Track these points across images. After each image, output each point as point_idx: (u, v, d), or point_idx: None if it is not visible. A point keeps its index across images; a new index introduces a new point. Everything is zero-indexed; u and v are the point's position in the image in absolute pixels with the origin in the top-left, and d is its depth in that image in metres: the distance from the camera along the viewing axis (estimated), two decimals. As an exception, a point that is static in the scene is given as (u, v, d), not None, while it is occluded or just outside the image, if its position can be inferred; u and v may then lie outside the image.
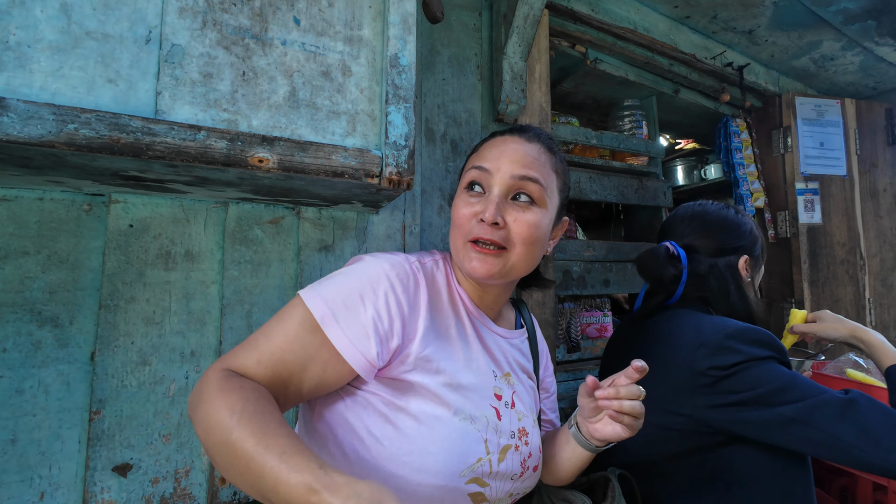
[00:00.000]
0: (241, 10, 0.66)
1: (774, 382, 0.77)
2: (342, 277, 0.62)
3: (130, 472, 0.76)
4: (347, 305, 0.59)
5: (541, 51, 1.35)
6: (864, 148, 2.11)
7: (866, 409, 0.73)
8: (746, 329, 0.82)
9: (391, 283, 0.62)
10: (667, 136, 2.68)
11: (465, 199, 0.69)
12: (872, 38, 1.77)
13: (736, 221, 0.98)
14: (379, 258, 0.65)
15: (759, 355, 0.79)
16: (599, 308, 1.66)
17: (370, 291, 0.60)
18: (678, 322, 0.90)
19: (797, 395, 0.75)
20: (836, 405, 0.74)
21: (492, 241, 0.65)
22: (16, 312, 0.70)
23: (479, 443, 0.62)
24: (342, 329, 0.58)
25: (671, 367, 0.85)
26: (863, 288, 2.03)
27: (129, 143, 0.56)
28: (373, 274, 0.62)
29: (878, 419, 0.72)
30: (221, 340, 0.84)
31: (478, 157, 0.72)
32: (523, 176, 0.67)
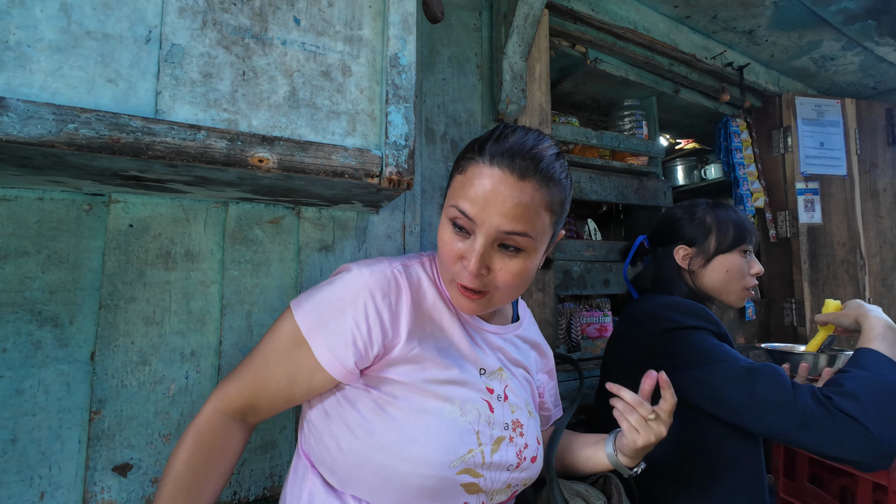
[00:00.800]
0: (241, 9, 0.66)
1: (694, 348, 0.88)
2: (327, 289, 0.66)
3: (130, 472, 0.76)
4: (330, 317, 0.63)
5: (541, 51, 1.35)
6: (864, 148, 2.11)
7: (762, 377, 0.81)
8: (680, 301, 0.97)
9: (370, 293, 0.64)
10: (667, 136, 2.68)
11: (450, 234, 0.65)
12: (872, 38, 1.77)
13: (678, 216, 1.10)
14: (361, 268, 0.67)
15: (687, 323, 0.91)
16: (599, 308, 1.66)
17: (350, 303, 0.64)
18: (640, 303, 1.05)
19: (709, 360, 0.85)
20: (737, 370, 0.83)
21: (475, 289, 0.64)
22: (16, 312, 0.70)
23: (471, 434, 0.64)
24: (324, 340, 0.62)
25: (626, 338, 1.02)
26: (863, 288, 2.03)
27: (129, 143, 0.56)
28: (353, 285, 0.65)
29: (768, 385, 0.80)
30: (221, 340, 0.84)
31: (463, 193, 0.62)
32: (511, 231, 0.61)
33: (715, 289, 1.05)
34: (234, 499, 0.83)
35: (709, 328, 0.92)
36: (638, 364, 0.94)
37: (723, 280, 1.04)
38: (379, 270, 0.67)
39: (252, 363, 0.66)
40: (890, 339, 0.85)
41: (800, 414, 0.76)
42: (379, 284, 0.65)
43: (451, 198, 0.66)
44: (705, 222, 1.06)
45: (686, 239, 1.08)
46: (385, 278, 0.66)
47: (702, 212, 1.08)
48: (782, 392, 0.78)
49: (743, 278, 1.04)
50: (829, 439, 0.74)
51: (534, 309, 1.28)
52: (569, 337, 1.55)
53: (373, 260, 0.71)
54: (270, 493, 0.86)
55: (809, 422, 0.75)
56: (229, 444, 0.67)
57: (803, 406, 0.76)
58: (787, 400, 0.77)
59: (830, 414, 0.74)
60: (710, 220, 1.06)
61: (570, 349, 1.53)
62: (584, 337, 1.60)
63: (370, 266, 0.68)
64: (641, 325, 0.97)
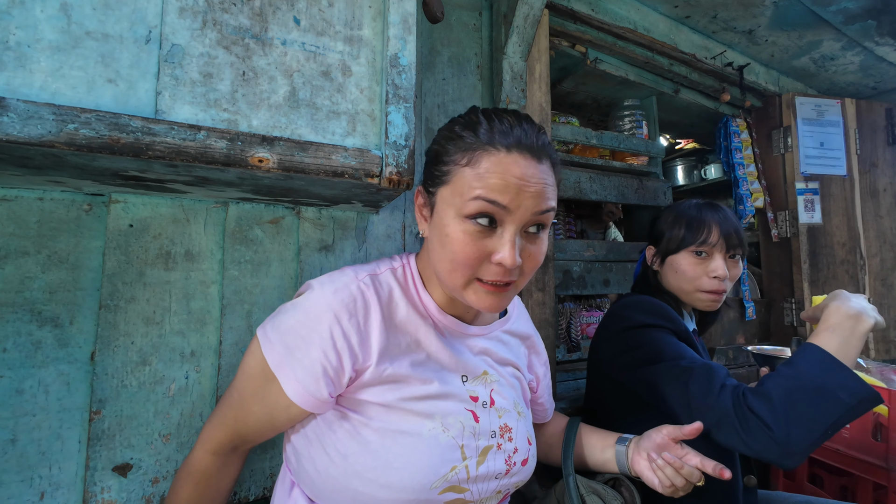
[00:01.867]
0: (241, 9, 0.66)
1: (646, 346, 0.89)
2: (290, 315, 0.62)
3: (130, 472, 0.76)
4: (296, 347, 0.60)
5: (541, 51, 1.35)
6: (864, 148, 2.11)
7: (697, 376, 0.82)
8: (641, 300, 0.99)
9: (335, 316, 0.60)
10: (667, 136, 2.68)
11: (471, 233, 0.59)
12: (872, 38, 1.77)
13: (658, 215, 1.13)
14: (323, 287, 0.62)
15: (645, 322, 0.93)
16: (599, 308, 1.66)
17: (314, 330, 0.59)
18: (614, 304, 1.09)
19: (657, 358, 0.87)
20: (677, 369, 0.84)
21: (507, 281, 0.61)
22: (16, 312, 0.70)
23: (454, 450, 0.62)
24: (293, 374, 0.59)
25: (600, 339, 1.03)
26: (863, 288, 2.03)
27: (129, 143, 0.56)
28: (315, 309, 0.60)
29: (699, 384, 0.81)
30: (221, 340, 0.84)
31: (483, 183, 0.58)
32: (543, 210, 0.60)
33: (672, 288, 1.05)
34: (234, 499, 0.83)
35: (665, 325, 0.93)
36: (608, 361, 0.97)
37: (674, 280, 1.04)
38: (343, 287, 0.62)
39: (230, 402, 0.65)
40: (846, 328, 0.79)
41: (717, 412, 0.77)
42: (344, 304, 0.60)
43: (462, 191, 0.59)
44: (667, 221, 1.07)
45: (653, 238, 1.10)
46: (350, 296, 0.62)
47: (671, 210, 1.09)
48: (709, 391, 0.79)
49: (693, 279, 1.01)
50: (738, 437, 0.75)
51: (534, 309, 1.28)
52: (569, 337, 1.55)
53: (337, 273, 0.65)
54: (270, 492, 0.86)
55: (723, 420, 0.77)
56: (225, 477, 0.70)
57: (721, 405, 0.77)
58: (710, 398, 0.79)
59: (741, 413, 0.75)
60: (669, 220, 1.07)
61: (570, 349, 1.53)
62: (584, 337, 1.60)
63: (333, 283, 0.63)
64: (607, 324, 1.01)
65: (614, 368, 0.95)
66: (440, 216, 0.63)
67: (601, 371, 1.02)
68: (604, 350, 1.00)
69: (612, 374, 0.96)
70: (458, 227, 0.59)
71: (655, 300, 1.00)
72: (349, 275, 0.65)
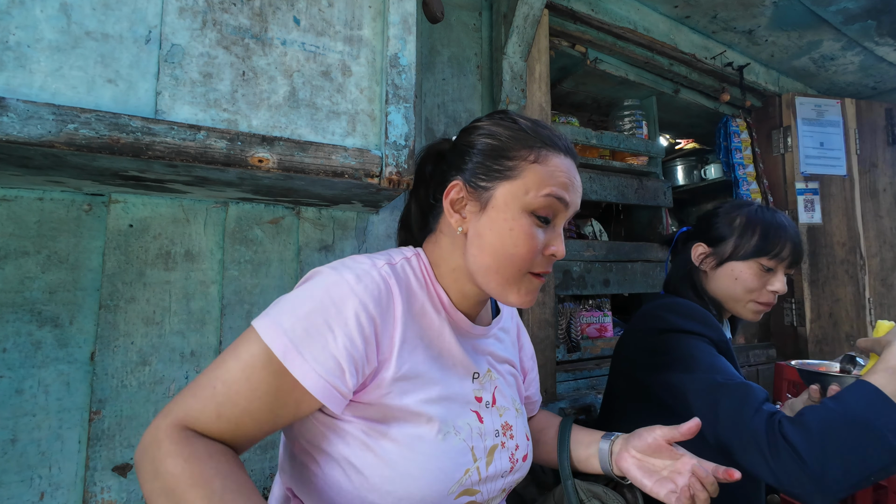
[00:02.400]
0: (240, 9, 0.66)
1: (681, 352, 0.85)
2: (301, 300, 0.54)
3: (130, 472, 0.76)
4: (311, 334, 0.52)
5: (541, 51, 1.35)
6: (864, 148, 2.11)
7: (732, 392, 0.77)
8: (682, 304, 0.94)
9: (360, 301, 0.54)
10: (667, 135, 2.68)
11: (534, 228, 0.61)
12: (872, 38, 1.77)
13: (714, 211, 1.04)
14: (340, 271, 0.57)
15: (683, 327, 0.88)
16: (599, 308, 1.66)
17: (336, 314, 0.53)
18: (647, 304, 1.02)
19: (690, 367, 0.82)
20: (711, 382, 0.79)
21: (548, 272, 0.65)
22: (16, 312, 0.70)
23: (466, 453, 0.61)
24: (309, 363, 0.51)
25: (630, 339, 0.99)
26: (863, 288, 2.03)
27: (128, 143, 0.56)
28: (337, 292, 0.54)
29: (733, 401, 0.76)
30: (221, 340, 0.84)
31: (554, 180, 0.62)
32: (578, 210, 0.67)
33: (721, 295, 0.98)
34: (234, 499, 0.83)
35: (705, 334, 0.88)
36: (636, 363, 0.93)
37: (729, 287, 0.97)
38: (365, 273, 0.57)
39: (212, 395, 0.51)
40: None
41: (746, 433, 0.72)
42: (369, 291, 0.56)
43: (531, 187, 0.61)
44: (733, 223, 0.98)
45: (707, 236, 1.01)
46: (374, 283, 0.57)
47: (737, 211, 0.99)
48: (742, 410, 0.74)
49: (753, 291, 0.95)
50: (764, 464, 0.70)
51: (534, 309, 1.28)
52: (569, 337, 1.55)
53: (349, 261, 0.60)
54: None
55: (750, 442, 0.71)
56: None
57: (752, 426, 0.72)
58: (743, 418, 0.73)
59: (773, 439, 0.70)
60: (738, 222, 0.97)
61: (570, 349, 1.53)
62: (584, 337, 1.60)
63: (352, 268, 0.58)
64: (639, 325, 0.96)
65: (638, 367, 0.91)
66: (499, 211, 0.62)
67: (620, 369, 0.98)
68: (630, 348, 0.96)
69: (635, 372, 0.92)
70: (524, 222, 0.61)
71: (697, 306, 0.93)
72: (366, 262, 0.60)
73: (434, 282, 0.67)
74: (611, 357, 1.58)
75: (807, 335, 1.94)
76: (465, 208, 0.65)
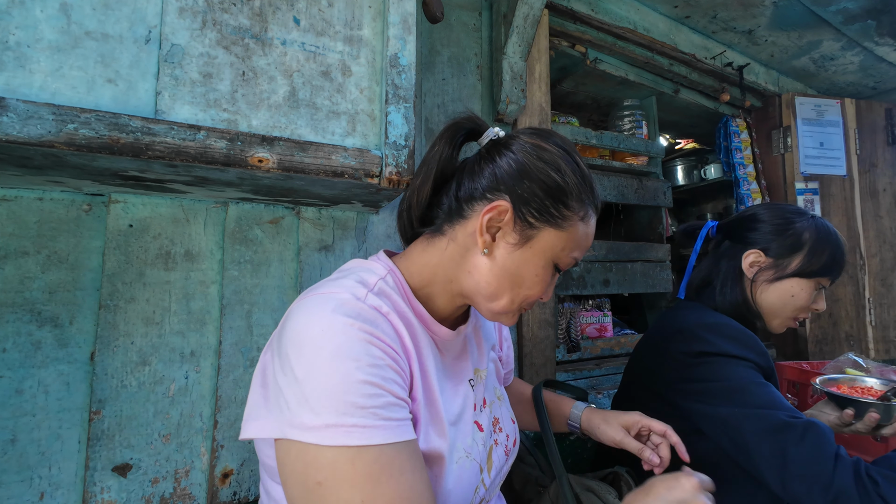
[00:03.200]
0: (240, 9, 0.66)
1: (728, 381, 0.78)
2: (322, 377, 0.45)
3: (130, 472, 0.76)
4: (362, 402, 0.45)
5: (541, 51, 1.35)
6: (863, 148, 2.11)
7: (801, 438, 0.70)
8: (727, 325, 0.84)
9: (376, 345, 0.49)
10: (667, 136, 2.68)
11: (548, 278, 0.61)
12: (872, 38, 1.77)
13: (765, 218, 0.95)
14: (331, 319, 0.48)
15: (729, 352, 0.80)
16: (599, 308, 1.66)
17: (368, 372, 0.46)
18: (677, 312, 0.95)
19: (743, 401, 0.75)
20: (773, 422, 0.72)
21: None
22: (16, 312, 0.70)
23: (476, 472, 0.59)
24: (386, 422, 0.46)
25: (656, 349, 0.92)
26: (863, 288, 2.03)
27: (128, 143, 0.56)
28: (349, 348, 0.47)
29: (805, 449, 0.69)
30: (221, 340, 0.84)
31: (581, 245, 0.62)
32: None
33: (768, 308, 0.93)
34: (233, 499, 0.83)
35: (753, 360, 0.81)
36: (663, 382, 0.86)
37: (781, 303, 0.92)
38: (358, 313, 0.50)
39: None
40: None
41: (833, 492, 0.65)
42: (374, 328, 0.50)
43: (568, 245, 0.59)
44: (801, 237, 0.91)
45: (764, 245, 0.93)
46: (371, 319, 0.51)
47: (802, 224, 0.92)
48: (819, 461, 0.67)
49: (801, 309, 0.92)
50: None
51: (533, 309, 1.28)
52: (568, 337, 1.55)
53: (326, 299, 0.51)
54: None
55: (840, 500, 0.65)
56: None
57: (840, 484, 0.65)
58: (823, 471, 0.67)
59: (869, 499, 0.64)
60: (807, 237, 0.91)
61: (569, 349, 1.53)
62: (584, 337, 1.60)
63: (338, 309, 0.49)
64: (674, 342, 0.86)
65: (673, 392, 0.84)
66: (535, 254, 0.58)
67: (648, 387, 0.90)
68: (661, 368, 0.87)
69: (667, 395, 0.85)
70: (548, 272, 0.60)
71: (743, 327, 0.85)
72: (347, 297, 0.51)
73: (411, 297, 0.61)
74: (611, 357, 1.59)
75: (806, 335, 1.94)
76: (498, 232, 0.59)
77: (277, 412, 0.47)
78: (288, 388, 0.46)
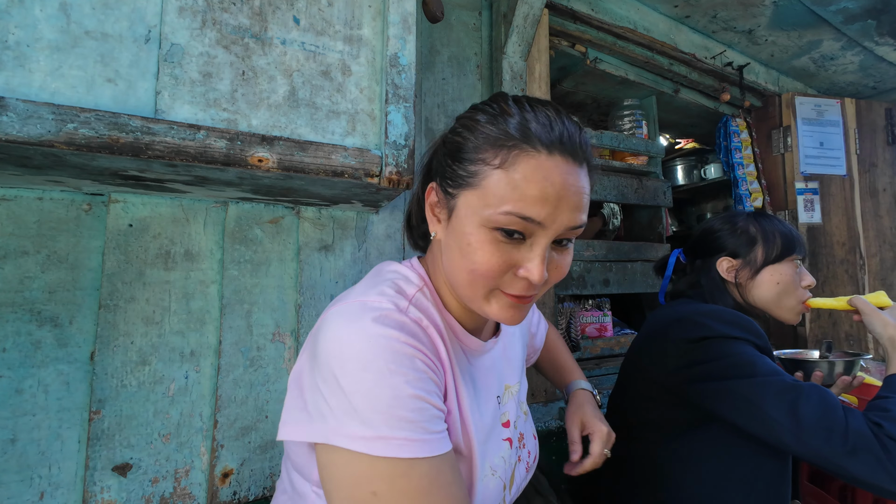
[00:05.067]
0: (240, 9, 0.66)
1: (733, 358, 0.81)
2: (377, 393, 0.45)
3: (130, 472, 0.76)
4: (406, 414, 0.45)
5: (541, 50, 1.35)
6: (863, 147, 2.11)
7: (807, 395, 0.74)
8: (723, 310, 0.90)
9: (420, 359, 0.49)
10: (667, 135, 2.68)
11: (497, 245, 0.50)
12: (872, 38, 1.77)
13: (716, 227, 1.04)
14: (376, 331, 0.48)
15: (729, 333, 0.84)
16: (599, 308, 1.66)
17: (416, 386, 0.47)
18: (673, 307, 0.99)
19: (749, 372, 0.79)
20: (780, 385, 0.76)
21: (532, 295, 0.53)
22: (15, 312, 0.70)
23: (500, 490, 0.58)
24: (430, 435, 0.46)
25: (654, 340, 0.94)
26: (862, 287, 2.03)
27: (128, 143, 0.56)
28: (397, 363, 0.47)
29: (813, 405, 0.73)
30: (221, 340, 0.84)
31: (519, 194, 0.49)
32: (579, 225, 0.52)
33: (766, 302, 0.98)
34: (234, 498, 0.83)
35: (752, 340, 0.85)
36: (665, 370, 0.89)
37: (774, 293, 0.97)
38: (402, 325, 0.50)
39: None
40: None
41: (852, 438, 0.69)
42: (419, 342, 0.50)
43: (491, 200, 0.49)
44: (749, 232, 0.99)
45: (729, 250, 1.00)
46: (414, 332, 0.50)
47: (743, 222, 1.01)
48: (831, 414, 0.71)
49: (796, 290, 0.97)
50: (882, 468, 0.67)
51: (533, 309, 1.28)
52: (568, 337, 1.55)
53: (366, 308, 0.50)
54: (270, 493, 0.86)
55: (861, 447, 0.68)
56: None
57: (856, 430, 0.69)
58: (837, 422, 0.70)
59: (884, 442, 0.68)
60: (753, 230, 0.99)
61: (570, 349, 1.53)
62: (584, 336, 1.60)
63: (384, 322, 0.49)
64: (673, 331, 0.89)
65: (677, 378, 0.86)
66: (461, 222, 0.52)
67: (650, 378, 0.92)
68: (661, 357, 0.90)
69: (669, 383, 0.88)
70: (482, 237, 0.50)
71: (735, 312, 0.90)
72: (391, 309, 0.51)
73: (442, 309, 0.59)
74: (610, 357, 1.59)
75: (806, 335, 1.94)
76: (440, 214, 0.57)
77: (321, 420, 0.46)
78: (333, 397, 0.46)
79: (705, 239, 1.05)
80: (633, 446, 0.94)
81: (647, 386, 0.93)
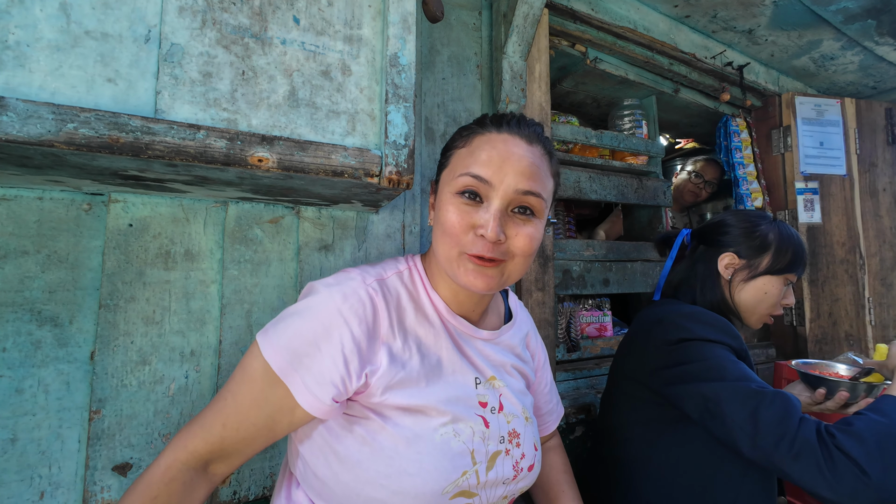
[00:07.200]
0: (240, 9, 0.66)
1: (706, 361, 0.84)
2: (296, 320, 0.60)
3: (130, 472, 0.76)
4: (304, 353, 0.58)
5: (541, 50, 1.35)
6: (863, 147, 2.11)
7: (771, 402, 0.76)
8: (702, 312, 0.93)
9: (345, 321, 0.59)
10: (667, 135, 2.68)
11: (459, 206, 0.63)
12: (872, 38, 1.77)
13: (734, 223, 1.04)
14: (331, 290, 0.61)
15: (706, 336, 0.87)
16: (599, 307, 1.66)
17: (323, 335, 0.58)
18: (657, 307, 1.01)
19: (719, 376, 0.82)
20: (745, 391, 0.79)
21: (492, 258, 0.62)
22: (15, 312, 0.70)
23: (465, 456, 0.62)
24: (301, 379, 0.57)
25: (637, 341, 0.98)
26: (862, 287, 2.03)
27: (128, 143, 0.56)
28: (325, 314, 0.59)
29: (773, 411, 0.75)
30: (221, 340, 0.84)
31: (473, 160, 0.64)
32: (528, 191, 0.62)
33: (745, 306, 1.01)
34: (233, 498, 0.83)
35: (728, 343, 0.88)
36: (647, 371, 0.91)
37: (756, 300, 1.00)
38: (352, 292, 0.61)
39: (221, 408, 0.60)
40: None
41: (797, 443, 0.72)
42: (353, 310, 0.60)
43: (455, 170, 0.65)
44: (766, 238, 1.00)
45: (737, 248, 1.01)
46: (360, 301, 0.61)
47: (766, 227, 1.02)
48: (786, 420, 0.74)
49: (774, 305, 1.00)
50: (819, 475, 0.69)
51: (533, 309, 1.28)
52: (568, 336, 1.55)
53: (342, 276, 0.65)
54: (270, 492, 0.86)
55: (803, 453, 0.71)
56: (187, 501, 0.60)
57: (803, 437, 0.72)
58: (789, 428, 0.73)
59: (829, 451, 0.70)
60: (772, 238, 1.00)
61: (569, 349, 1.53)
62: (584, 336, 1.60)
63: (341, 287, 0.62)
64: (654, 332, 0.93)
65: (657, 379, 0.89)
66: (440, 200, 0.67)
67: (634, 378, 0.95)
68: (643, 357, 0.93)
69: (651, 384, 0.91)
70: (450, 203, 0.64)
71: (714, 314, 0.93)
72: (356, 278, 0.64)
73: (430, 289, 0.70)
74: (610, 357, 1.59)
75: (806, 335, 1.94)
76: (434, 203, 0.72)
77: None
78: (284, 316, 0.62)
79: (718, 230, 1.05)
80: (622, 446, 0.96)
81: (633, 386, 0.95)
